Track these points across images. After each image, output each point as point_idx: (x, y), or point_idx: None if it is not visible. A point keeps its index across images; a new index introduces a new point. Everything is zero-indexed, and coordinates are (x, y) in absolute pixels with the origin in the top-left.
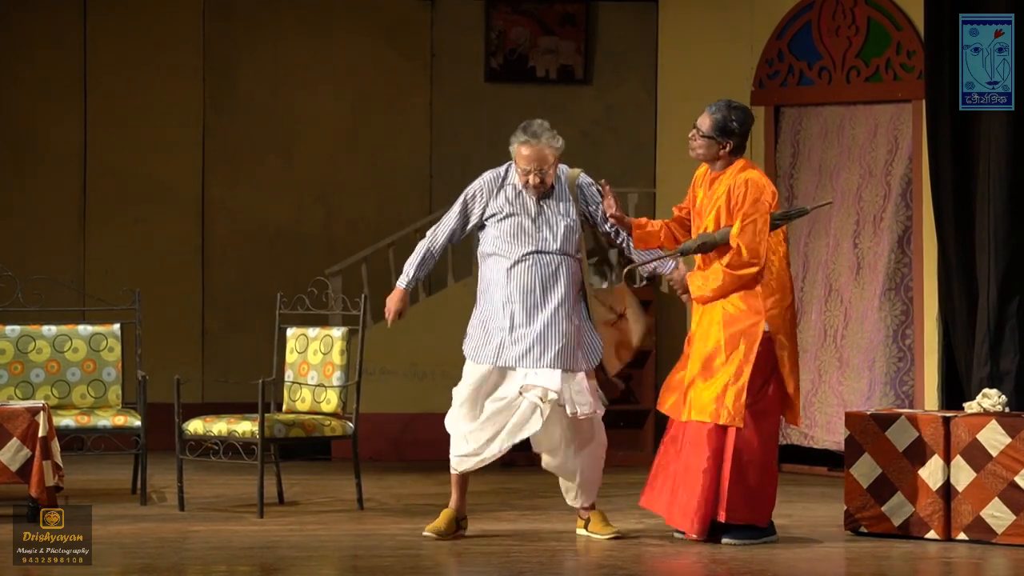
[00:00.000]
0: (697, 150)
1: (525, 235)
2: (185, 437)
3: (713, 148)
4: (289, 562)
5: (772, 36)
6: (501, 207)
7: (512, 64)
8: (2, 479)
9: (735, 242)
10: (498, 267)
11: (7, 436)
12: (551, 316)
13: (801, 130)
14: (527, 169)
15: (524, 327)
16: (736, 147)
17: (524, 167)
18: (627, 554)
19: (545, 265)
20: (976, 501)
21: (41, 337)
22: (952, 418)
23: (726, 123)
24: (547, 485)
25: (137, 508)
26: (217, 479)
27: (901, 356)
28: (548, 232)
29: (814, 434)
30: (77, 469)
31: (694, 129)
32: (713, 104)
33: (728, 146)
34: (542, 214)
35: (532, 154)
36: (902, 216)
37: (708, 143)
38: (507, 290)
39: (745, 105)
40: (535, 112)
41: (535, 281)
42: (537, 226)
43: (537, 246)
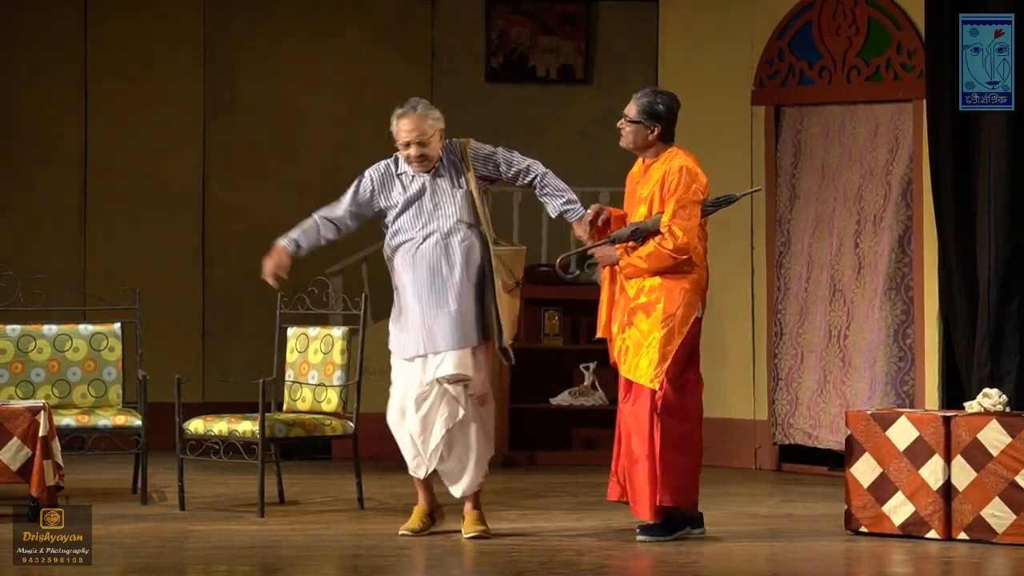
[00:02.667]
0: (627, 137)
1: (425, 216)
2: (186, 437)
3: (641, 133)
4: (289, 562)
5: (772, 36)
6: (396, 199)
7: (512, 64)
8: (3, 479)
9: (666, 227)
10: (406, 256)
11: (8, 436)
12: (459, 293)
13: (802, 130)
14: (407, 141)
15: (436, 308)
16: (664, 132)
17: (404, 140)
18: (628, 553)
19: (449, 241)
20: (977, 501)
21: (42, 336)
22: (953, 418)
23: (652, 106)
24: (548, 484)
25: (138, 508)
26: (217, 479)
27: (902, 356)
28: (446, 207)
29: (819, 434)
30: (78, 469)
31: (622, 118)
32: (639, 91)
33: (656, 130)
34: (437, 191)
35: (410, 124)
36: (903, 216)
37: (636, 128)
38: (416, 275)
39: (671, 92)
40: (536, 112)
41: (441, 259)
42: (435, 203)
43: (438, 224)
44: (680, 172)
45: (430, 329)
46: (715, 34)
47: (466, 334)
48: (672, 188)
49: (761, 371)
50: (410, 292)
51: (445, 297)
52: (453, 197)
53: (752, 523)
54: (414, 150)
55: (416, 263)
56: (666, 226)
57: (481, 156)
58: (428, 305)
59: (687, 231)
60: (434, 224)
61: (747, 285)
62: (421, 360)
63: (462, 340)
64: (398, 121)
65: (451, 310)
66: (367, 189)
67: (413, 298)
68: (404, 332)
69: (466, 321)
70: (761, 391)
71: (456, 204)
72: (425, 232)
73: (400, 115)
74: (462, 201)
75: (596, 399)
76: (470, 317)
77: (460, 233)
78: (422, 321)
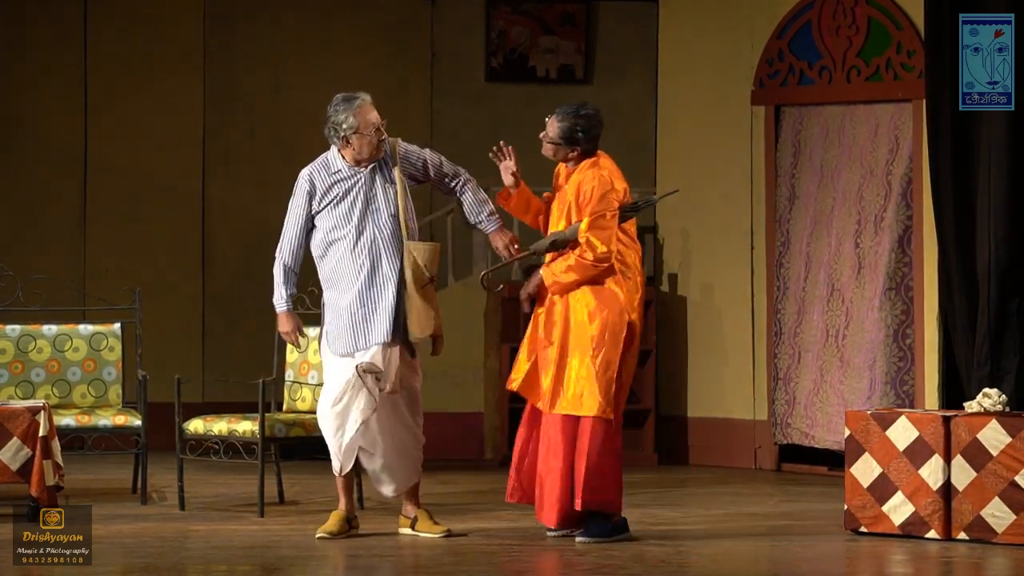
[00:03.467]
0: (547, 151)
1: (358, 212)
2: (185, 437)
3: (560, 152)
4: (289, 561)
5: (772, 36)
6: (336, 194)
7: (512, 64)
8: (2, 479)
9: (584, 236)
10: (338, 252)
11: (7, 436)
12: (387, 289)
13: (802, 130)
14: (376, 126)
15: (367, 305)
16: (584, 152)
17: (374, 125)
18: (627, 553)
19: (381, 237)
20: (976, 501)
21: (42, 336)
22: (952, 417)
23: (572, 133)
24: None
25: (138, 508)
26: (217, 479)
27: (901, 355)
28: (379, 203)
29: (815, 433)
30: (78, 469)
31: (544, 130)
32: (562, 109)
33: (576, 152)
34: (371, 187)
35: (371, 118)
36: (903, 216)
37: (555, 148)
38: (349, 272)
39: (595, 110)
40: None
41: (374, 255)
42: (368, 199)
43: (371, 219)
44: (593, 182)
45: (360, 327)
46: (715, 34)
47: (387, 329)
48: (587, 198)
49: (761, 371)
50: (342, 289)
51: (376, 293)
52: (386, 193)
53: (752, 523)
54: (371, 141)
55: (350, 259)
56: (584, 236)
57: (411, 156)
58: (360, 302)
59: (605, 241)
60: (367, 220)
61: (747, 285)
62: (349, 358)
63: (384, 335)
64: (361, 111)
65: (379, 306)
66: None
67: (345, 295)
68: (335, 328)
69: (390, 317)
70: (761, 391)
71: (388, 200)
72: (358, 228)
73: (360, 105)
74: (393, 197)
75: None
76: (392, 313)
77: (389, 229)
78: (351, 319)
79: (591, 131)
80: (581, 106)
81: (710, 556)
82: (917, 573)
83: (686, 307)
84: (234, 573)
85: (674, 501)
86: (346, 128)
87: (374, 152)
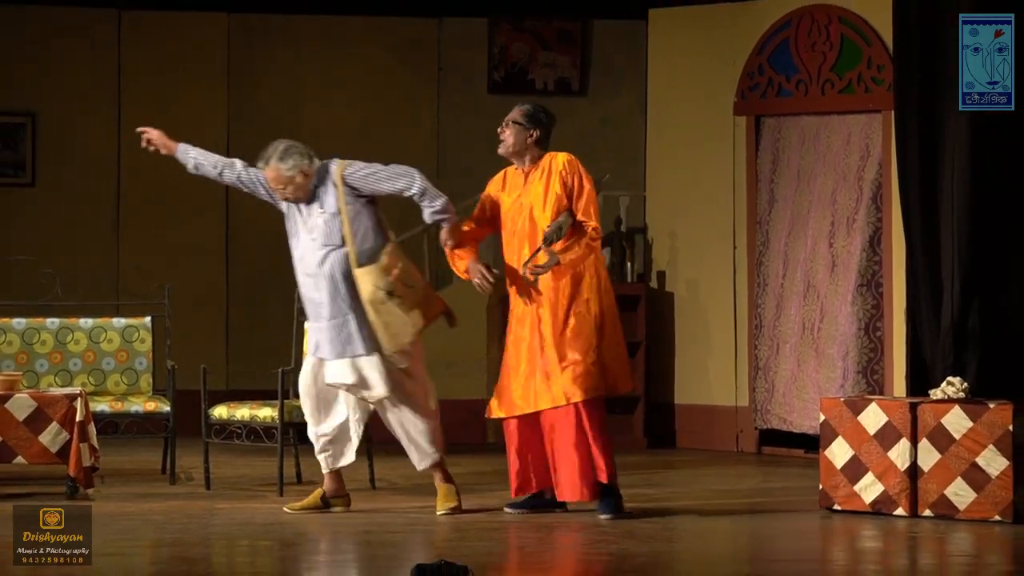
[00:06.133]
0: (507, 140)
1: (302, 236)
2: (211, 422)
3: (521, 136)
4: (307, 537)
5: (753, 52)
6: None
7: (513, 77)
8: (43, 459)
9: (583, 217)
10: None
11: (47, 420)
12: (331, 309)
13: (780, 138)
14: (278, 189)
15: (314, 321)
16: (541, 138)
17: (277, 183)
18: (620, 530)
19: (315, 261)
20: (940, 481)
21: (79, 329)
22: (919, 404)
23: (535, 113)
24: None
25: (167, 487)
26: (240, 460)
27: (872, 347)
28: (315, 231)
29: (793, 419)
30: (112, 451)
31: (503, 124)
32: (521, 102)
33: (535, 135)
34: (309, 215)
35: (272, 175)
36: (873, 218)
37: (517, 130)
38: (301, 288)
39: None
40: None
41: (315, 277)
42: (308, 227)
43: (310, 245)
44: (575, 166)
45: (315, 339)
46: (699, 50)
47: (342, 346)
48: (579, 182)
49: (743, 361)
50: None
51: (319, 312)
52: (319, 220)
53: (734, 501)
54: (289, 193)
55: (300, 276)
56: (589, 219)
57: (357, 177)
58: (312, 317)
59: (599, 220)
60: (306, 245)
61: (729, 282)
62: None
63: (338, 351)
64: (266, 171)
65: (324, 325)
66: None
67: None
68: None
69: (342, 334)
70: (743, 379)
71: (321, 228)
72: (301, 251)
73: (263, 167)
74: (328, 224)
75: None
76: (347, 329)
77: (322, 253)
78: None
79: (550, 118)
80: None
81: (696, 532)
82: (886, 547)
83: (673, 302)
84: (256, 547)
85: (662, 481)
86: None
87: (295, 198)
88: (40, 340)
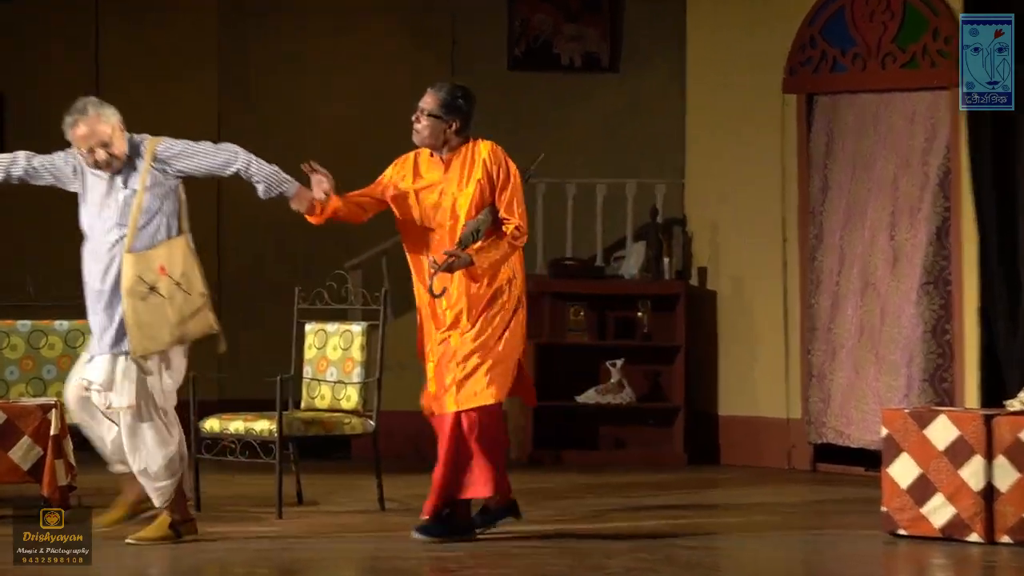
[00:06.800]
0: (422, 132)
1: (97, 216)
2: (201, 435)
3: (439, 128)
4: (308, 564)
5: (804, 21)
6: (84, 193)
7: (536, 52)
8: (13, 478)
9: (515, 220)
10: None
11: (18, 434)
12: (110, 298)
13: (835, 118)
14: (89, 147)
15: (93, 314)
16: (462, 127)
17: (84, 147)
18: (658, 555)
19: (105, 243)
20: (1020, 502)
21: (53, 332)
22: (994, 416)
23: (453, 99)
24: (574, 486)
25: (152, 508)
26: (234, 479)
27: (940, 352)
28: (110, 209)
29: (851, 432)
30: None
31: (418, 111)
32: (436, 84)
33: (454, 125)
34: (110, 191)
35: (87, 131)
36: (940, 207)
37: (434, 123)
38: (86, 275)
39: (468, 87)
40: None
41: (98, 262)
42: (104, 204)
43: (102, 225)
44: (501, 158)
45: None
46: (744, 19)
47: (106, 341)
48: (503, 173)
49: (795, 367)
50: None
51: (97, 302)
52: (117, 199)
53: (786, 525)
54: (100, 154)
55: (86, 262)
56: (511, 216)
57: (172, 153)
58: (91, 309)
59: (525, 216)
60: (99, 225)
61: (779, 278)
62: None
63: (102, 346)
64: (73, 130)
65: (99, 317)
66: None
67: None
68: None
69: (111, 327)
70: (795, 388)
71: (117, 206)
72: (93, 232)
73: (71, 124)
74: (123, 204)
75: (623, 397)
76: (115, 324)
77: (114, 236)
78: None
79: (469, 101)
80: (454, 82)
81: (742, 559)
82: None
83: (716, 302)
84: (252, 575)
85: (704, 502)
86: (67, 139)
87: (102, 168)
88: (10, 344)
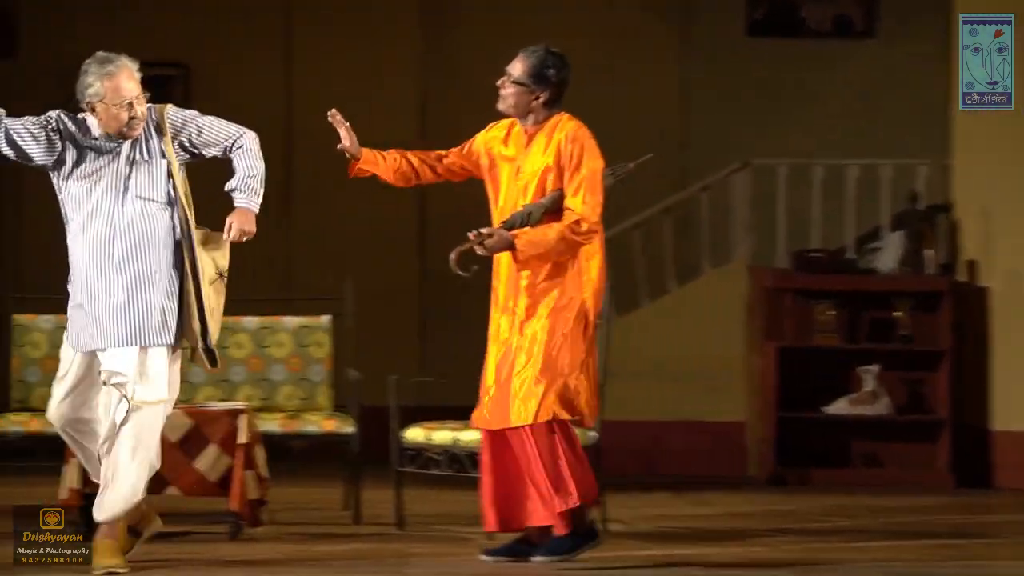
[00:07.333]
0: (507, 99)
1: (112, 189)
2: (403, 446)
3: (524, 98)
4: None
5: None
6: (86, 165)
7: (778, 15)
8: (200, 490)
9: (575, 207)
10: (84, 232)
11: (205, 442)
12: (136, 281)
13: None
14: (128, 101)
15: (105, 297)
16: (551, 99)
17: (125, 100)
18: None
19: (137, 219)
20: None
21: (241, 330)
22: None
23: (542, 68)
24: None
25: (350, 526)
26: (440, 494)
27: None
28: (141, 180)
29: None
30: (282, 480)
31: (504, 76)
32: (527, 49)
33: (541, 97)
34: (133, 162)
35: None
36: None
37: (519, 91)
38: (90, 256)
39: (564, 55)
40: (805, 71)
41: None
42: (128, 176)
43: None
44: (580, 142)
45: (96, 321)
46: None
47: (135, 330)
48: (576, 160)
49: None
50: (81, 273)
51: (116, 285)
52: (150, 169)
53: None
54: (139, 108)
55: (92, 242)
56: (575, 205)
57: (179, 123)
58: (96, 293)
59: (595, 209)
60: (122, 199)
61: None
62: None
63: (128, 337)
64: (110, 82)
65: (118, 300)
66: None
67: (85, 281)
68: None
69: (139, 314)
70: None
71: (153, 178)
72: (109, 207)
73: (109, 72)
74: (159, 175)
75: (880, 408)
76: (147, 310)
77: (151, 211)
78: (89, 311)
79: (562, 72)
80: (549, 47)
81: None
82: None
83: (988, 300)
84: None
85: (975, 531)
86: (91, 94)
87: (122, 131)
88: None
